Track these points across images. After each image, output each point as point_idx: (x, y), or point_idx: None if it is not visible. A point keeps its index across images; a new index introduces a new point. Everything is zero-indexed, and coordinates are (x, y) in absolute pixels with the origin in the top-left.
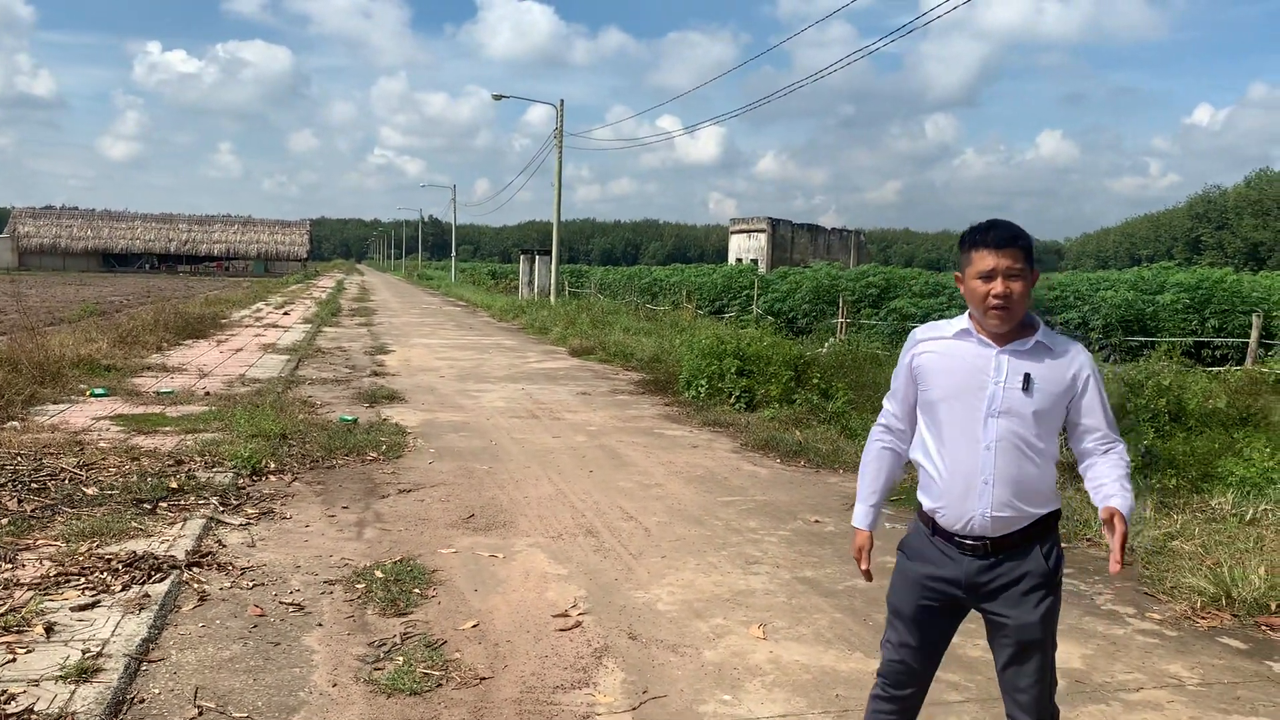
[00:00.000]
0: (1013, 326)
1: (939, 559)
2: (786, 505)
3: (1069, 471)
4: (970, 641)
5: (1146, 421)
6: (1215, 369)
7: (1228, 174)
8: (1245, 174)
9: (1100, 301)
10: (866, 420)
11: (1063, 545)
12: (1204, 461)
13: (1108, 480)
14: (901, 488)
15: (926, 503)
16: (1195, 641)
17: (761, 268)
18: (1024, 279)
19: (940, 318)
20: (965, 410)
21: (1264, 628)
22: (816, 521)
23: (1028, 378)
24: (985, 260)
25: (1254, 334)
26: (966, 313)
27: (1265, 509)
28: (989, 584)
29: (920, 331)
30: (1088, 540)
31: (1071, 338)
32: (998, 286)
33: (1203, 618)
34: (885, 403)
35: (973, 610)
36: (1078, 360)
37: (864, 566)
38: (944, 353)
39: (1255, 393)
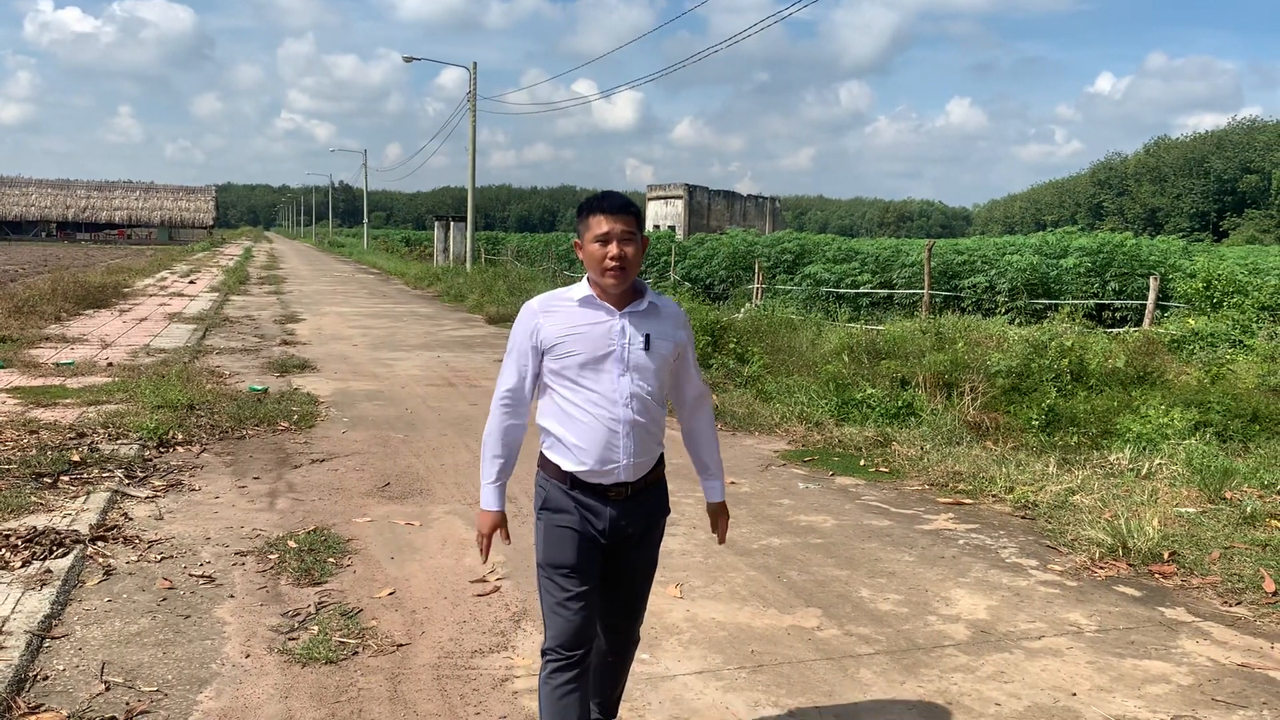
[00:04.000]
0: (626, 288)
1: (582, 511)
2: None
3: (976, 431)
4: (881, 596)
5: (1050, 381)
6: (1115, 330)
7: (1128, 142)
8: (1144, 142)
9: (1006, 266)
10: (782, 383)
11: (969, 502)
12: (1103, 419)
13: (711, 462)
14: (814, 449)
15: (566, 463)
16: (1093, 590)
17: (679, 234)
18: (636, 243)
19: (853, 283)
20: (600, 371)
21: (1156, 575)
22: (732, 483)
23: (648, 338)
24: (602, 225)
25: (1151, 296)
26: (584, 279)
27: (1159, 463)
28: (628, 526)
29: (538, 302)
30: (993, 497)
31: (673, 299)
32: (613, 249)
33: (1101, 568)
34: (503, 379)
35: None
36: (681, 320)
37: (490, 544)
38: (571, 319)
39: (1152, 353)
